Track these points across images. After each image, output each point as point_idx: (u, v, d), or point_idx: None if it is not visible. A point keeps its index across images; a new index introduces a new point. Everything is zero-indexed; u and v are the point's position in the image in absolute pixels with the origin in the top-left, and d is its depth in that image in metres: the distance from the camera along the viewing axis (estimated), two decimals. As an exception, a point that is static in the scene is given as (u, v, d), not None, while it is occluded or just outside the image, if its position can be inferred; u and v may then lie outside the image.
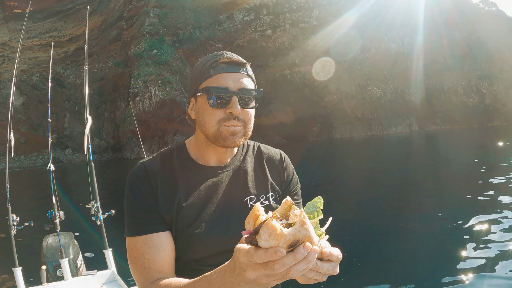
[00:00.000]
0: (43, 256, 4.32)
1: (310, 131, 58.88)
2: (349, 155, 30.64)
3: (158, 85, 52.38)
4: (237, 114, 1.32)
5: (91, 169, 4.34)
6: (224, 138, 1.33)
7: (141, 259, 1.26)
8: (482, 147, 27.34)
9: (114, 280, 4.06)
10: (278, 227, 0.77)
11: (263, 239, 0.77)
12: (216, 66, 1.35)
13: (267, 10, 63.54)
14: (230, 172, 1.44)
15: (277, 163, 1.54)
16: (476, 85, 69.30)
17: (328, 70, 57.44)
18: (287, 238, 0.77)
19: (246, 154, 1.51)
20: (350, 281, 5.46)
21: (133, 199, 1.32)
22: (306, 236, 0.79)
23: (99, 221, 4.27)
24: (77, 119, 59.70)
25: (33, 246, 4.57)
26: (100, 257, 4.42)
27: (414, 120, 64.49)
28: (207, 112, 1.34)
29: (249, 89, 1.35)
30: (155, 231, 1.29)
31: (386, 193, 12.75)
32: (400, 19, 63.29)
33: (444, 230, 7.63)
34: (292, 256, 0.78)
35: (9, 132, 4.19)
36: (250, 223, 0.84)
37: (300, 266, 0.80)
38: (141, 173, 1.35)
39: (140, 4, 61.91)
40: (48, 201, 4.24)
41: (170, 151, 1.45)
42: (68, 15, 71.31)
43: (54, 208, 4.16)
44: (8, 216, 4.10)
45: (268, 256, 0.78)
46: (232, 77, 1.34)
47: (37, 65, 62.46)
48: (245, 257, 0.84)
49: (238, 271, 0.89)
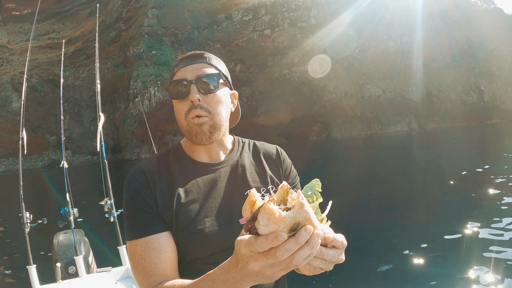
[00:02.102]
0: (55, 253, 4.31)
1: (310, 130, 58.92)
2: (351, 153, 30.62)
3: (157, 86, 52.37)
4: (197, 101, 1.31)
5: (104, 167, 4.32)
6: (195, 134, 1.33)
7: (142, 263, 1.24)
8: (483, 145, 27.36)
9: (128, 276, 4.06)
10: (276, 210, 0.74)
11: (262, 224, 0.74)
12: (177, 64, 1.39)
13: (265, 9, 63.56)
14: (228, 168, 1.43)
15: (275, 157, 1.54)
16: (475, 83, 69.36)
17: (325, 67, 57.46)
18: (287, 222, 0.74)
19: (243, 150, 1.51)
20: (350, 281, 5.44)
21: (130, 201, 1.31)
22: (307, 218, 0.76)
23: (112, 217, 4.26)
24: (76, 121, 59.68)
25: (46, 243, 4.55)
26: (114, 253, 4.41)
27: (413, 118, 64.55)
28: (175, 108, 1.37)
29: (207, 73, 1.34)
30: (155, 232, 1.26)
31: (387, 193, 12.74)
32: (398, 18, 63.37)
33: (443, 230, 7.61)
34: (294, 240, 0.75)
35: (21, 129, 4.17)
36: (247, 210, 0.81)
37: (304, 251, 0.77)
38: (138, 174, 1.34)
39: (138, 5, 61.89)
40: (52, 201, 4.24)
41: (166, 152, 1.46)
42: (67, 16, 71.23)
43: (68, 206, 4.15)
44: (22, 213, 4.09)
45: (269, 242, 0.75)
46: (190, 69, 1.35)
47: (36, 67, 62.35)
48: (246, 247, 0.80)
49: (241, 265, 0.86)
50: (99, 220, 6.20)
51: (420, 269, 5.75)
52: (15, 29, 65.82)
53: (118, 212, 4.32)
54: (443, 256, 6.10)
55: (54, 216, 4.38)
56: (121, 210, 4.43)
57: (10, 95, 60.13)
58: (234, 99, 1.49)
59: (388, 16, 62.60)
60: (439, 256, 6.15)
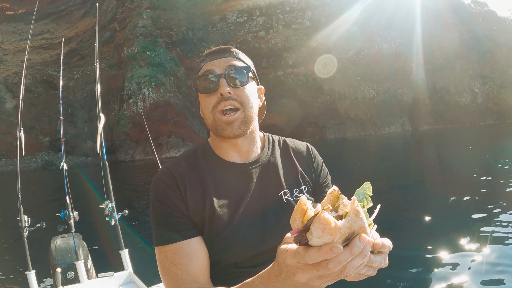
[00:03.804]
0: (53, 258, 4.19)
1: (304, 132, 58.96)
2: (350, 154, 30.65)
3: (152, 87, 52.21)
4: (227, 95, 1.26)
5: (105, 168, 4.23)
6: (222, 129, 1.27)
7: (173, 270, 1.18)
8: (477, 144, 27.46)
9: (131, 281, 3.96)
10: (332, 220, 0.68)
11: (316, 236, 0.68)
12: (204, 59, 1.36)
13: (260, 11, 63.67)
14: (259, 168, 1.37)
15: (305, 155, 1.48)
16: (468, 85, 69.76)
17: (330, 67, 57.71)
18: (342, 232, 0.69)
19: (274, 148, 1.45)
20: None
21: (159, 206, 1.25)
22: (361, 227, 0.71)
23: (114, 221, 4.16)
24: (70, 122, 59.23)
25: (45, 248, 4.44)
26: (116, 258, 4.30)
27: (407, 119, 64.88)
28: (203, 103, 1.32)
29: (237, 66, 1.30)
30: (186, 238, 1.21)
31: (388, 191, 12.71)
32: (393, 20, 63.62)
33: (442, 229, 7.58)
34: (348, 251, 0.71)
35: (19, 130, 4.07)
36: (298, 220, 0.75)
37: (356, 261, 0.73)
38: (166, 177, 1.28)
39: (133, 5, 61.68)
40: (48, 203, 4.14)
41: (193, 151, 1.39)
42: (61, 17, 70.79)
43: (68, 209, 4.04)
44: (20, 217, 3.98)
45: (323, 254, 0.69)
46: (217, 63, 1.31)
47: (29, 67, 61.89)
48: (293, 258, 0.76)
49: (285, 275, 0.82)
50: (99, 224, 6.10)
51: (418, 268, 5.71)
52: (9, 29, 65.35)
53: (119, 215, 4.23)
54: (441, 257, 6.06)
55: (53, 220, 4.27)
56: (121, 213, 4.35)
57: (4, 96, 59.62)
58: (261, 94, 1.44)
59: (383, 18, 62.84)
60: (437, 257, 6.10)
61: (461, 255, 6.02)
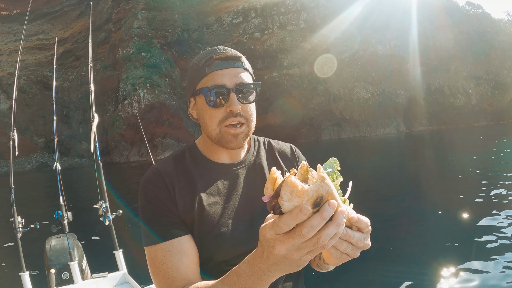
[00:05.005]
0: (47, 259, 4.17)
1: (299, 133, 59.02)
2: (347, 154, 30.61)
3: (147, 88, 52.05)
4: (237, 112, 1.28)
5: (99, 168, 4.21)
6: (227, 141, 1.31)
7: (163, 269, 1.20)
8: (472, 145, 27.60)
9: (125, 281, 3.96)
10: (298, 183, 0.73)
11: (286, 199, 0.73)
12: (211, 63, 1.31)
13: (255, 12, 63.72)
14: (246, 168, 1.41)
15: (290, 156, 1.53)
16: (463, 86, 70.14)
17: (331, 67, 57.83)
18: (310, 195, 0.73)
19: (259, 149, 1.49)
20: (349, 281, 5.39)
21: (148, 205, 1.26)
22: (329, 192, 0.74)
23: (108, 221, 4.15)
24: (64, 123, 59.01)
25: (39, 249, 4.42)
26: (110, 258, 4.29)
27: (401, 121, 65.12)
28: (207, 114, 1.31)
29: (247, 83, 1.31)
30: (176, 236, 1.22)
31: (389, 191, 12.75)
32: (388, 22, 63.85)
33: (441, 229, 7.61)
34: (319, 216, 0.73)
35: (12, 130, 4.05)
36: (269, 188, 0.80)
37: (330, 229, 0.75)
38: (154, 177, 1.30)
39: (128, 6, 61.54)
40: (42, 204, 4.12)
41: (181, 152, 1.42)
42: (56, 17, 70.48)
43: (62, 209, 4.03)
44: (14, 218, 3.96)
45: (294, 216, 0.73)
46: (228, 73, 1.29)
47: (24, 68, 61.56)
48: (271, 230, 0.79)
49: (266, 253, 0.84)
50: (93, 224, 6.08)
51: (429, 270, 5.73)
52: (4, 29, 64.93)
53: (113, 216, 4.22)
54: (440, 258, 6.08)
55: (47, 220, 4.25)
56: (115, 214, 4.34)
57: (-3, 96, 59.30)
58: None
59: (378, 20, 63.04)
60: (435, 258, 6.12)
61: (459, 255, 6.05)
